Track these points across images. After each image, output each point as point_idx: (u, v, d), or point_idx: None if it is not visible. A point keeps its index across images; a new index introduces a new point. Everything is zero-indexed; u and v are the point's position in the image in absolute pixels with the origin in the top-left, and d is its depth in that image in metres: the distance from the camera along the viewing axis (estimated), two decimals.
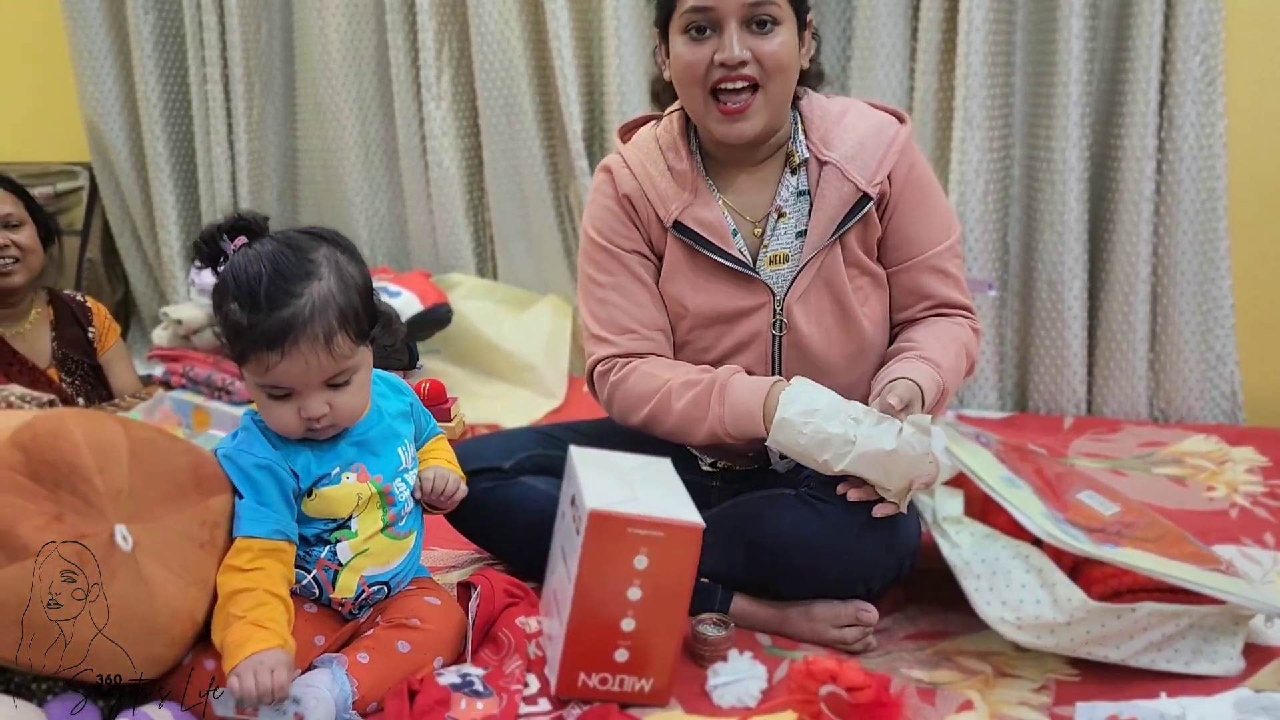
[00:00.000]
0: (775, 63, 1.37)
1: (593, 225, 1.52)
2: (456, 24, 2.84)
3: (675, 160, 1.48)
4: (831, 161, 1.44)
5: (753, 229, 1.48)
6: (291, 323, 1.16)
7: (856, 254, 1.47)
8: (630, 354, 1.48)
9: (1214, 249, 2.29)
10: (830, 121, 1.47)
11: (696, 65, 1.38)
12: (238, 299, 1.17)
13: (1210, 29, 2.20)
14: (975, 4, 2.28)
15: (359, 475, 1.28)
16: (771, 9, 1.36)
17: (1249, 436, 2.20)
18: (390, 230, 3.08)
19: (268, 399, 1.22)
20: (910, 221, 1.48)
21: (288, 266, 1.18)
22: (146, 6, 3.04)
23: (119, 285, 3.36)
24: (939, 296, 1.50)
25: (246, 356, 1.19)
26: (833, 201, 1.43)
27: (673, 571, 1.22)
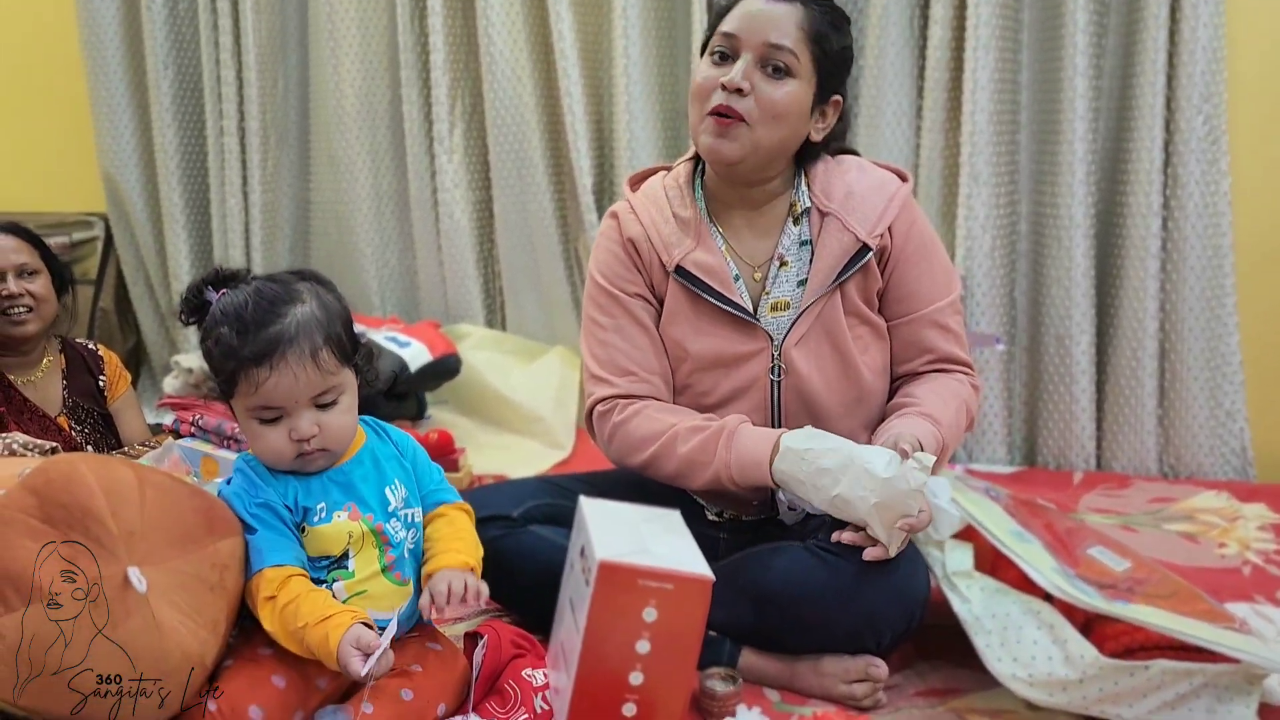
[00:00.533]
0: (771, 107, 1.41)
1: (597, 268, 1.55)
2: (470, 79, 2.89)
3: (680, 207, 1.51)
4: (832, 212, 1.47)
5: (754, 275, 1.50)
6: (279, 338, 1.21)
7: (856, 303, 1.49)
8: (630, 395, 1.50)
9: (1221, 305, 2.30)
10: (833, 175, 1.51)
11: (706, 83, 1.43)
12: (226, 324, 1.23)
13: (1212, 89, 2.23)
14: (980, 64, 2.32)
15: (350, 514, 1.29)
16: (787, 58, 1.40)
17: (1260, 493, 2.19)
18: (400, 281, 3.11)
19: (259, 425, 1.25)
20: (912, 276, 1.50)
21: (272, 294, 1.25)
22: (166, 61, 3.10)
23: (131, 334, 3.38)
24: (940, 351, 1.52)
25: (236, 378, 1.22)
26: (833, 250, 1.46)
27: (682, 624, 1.21)
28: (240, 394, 1.23)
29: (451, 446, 2.34)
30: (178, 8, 3.10)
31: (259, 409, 1.24)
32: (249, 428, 1.26)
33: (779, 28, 1.40)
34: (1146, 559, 1.52)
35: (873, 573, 1.33)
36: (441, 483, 1.40)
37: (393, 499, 1.32)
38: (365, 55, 2.94)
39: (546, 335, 2.94)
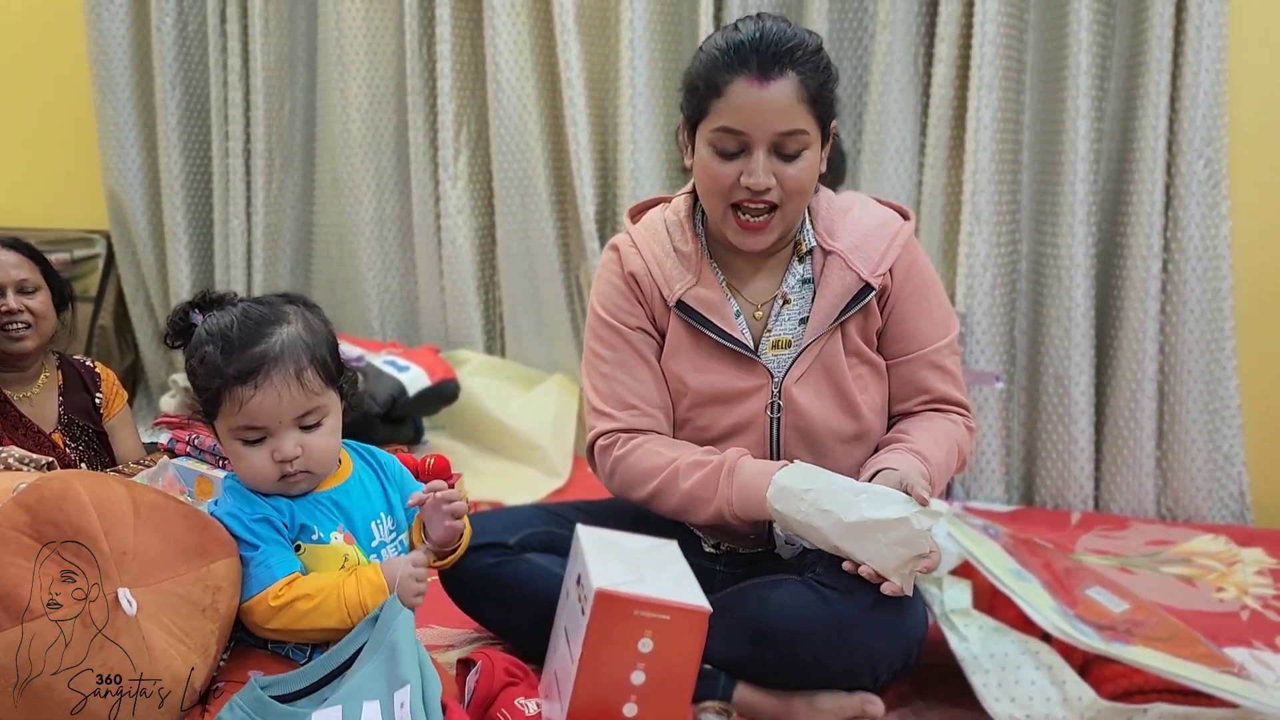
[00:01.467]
0: (797, 186, 1.39)
1: (599, 302, 1.55)
2: (476, 107, 2.91)
3: (681, 242, 1.51)
4: (836, 251, 1.47)
5: (755, 312, 1.50)
6: (264, 356, 1.22)
7: (856, 343, 1.49)
8: (632, 429, 1.50)
9: (1220, 349, 2.30)
10: (836, 214, 1.51)
11: (722, 180, 1.39)
12: (211, 342, 1.23)
13: (1214, 133, 2.25)
14: (983, 103, 2.34)
15: (345, 537, 1.28)
16: (801, 137, 1.37)
17: (1258, 538, 2.19)
18: (401, 305, 3.11)
19: (242, 446, 1.24)
20: (911, 315, 1.50)
21: (258, 314, 1.25)
22: (174, 81, 3.12)
23: (129, 352, 3.38)
24: (937, 392, 1.51)
25: (220, 398, 1.22)
26: (835, 289, 1.46)
27: (678, 656, 1.20)
28: (224, 413, 1.23)
29: (448, 472, 2.31)
30: (187, 29, 3.12)
31: (242, 429, 1.23)
32: (232, 449, 1.26)
33: (784, 112, 1.35)
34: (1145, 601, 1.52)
35: (870, 609, 1.32)
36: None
37: (378, 533, 1.31)
38: (373, 80, 2.96)
39: (546, 363, 2.94)
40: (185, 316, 1.27)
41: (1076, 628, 1.30)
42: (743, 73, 1.35)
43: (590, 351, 1.56)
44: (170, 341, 1.28)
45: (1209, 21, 2.21)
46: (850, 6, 2.56)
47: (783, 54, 1.34)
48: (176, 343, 1.28)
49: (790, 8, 2.61)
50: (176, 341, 1.28)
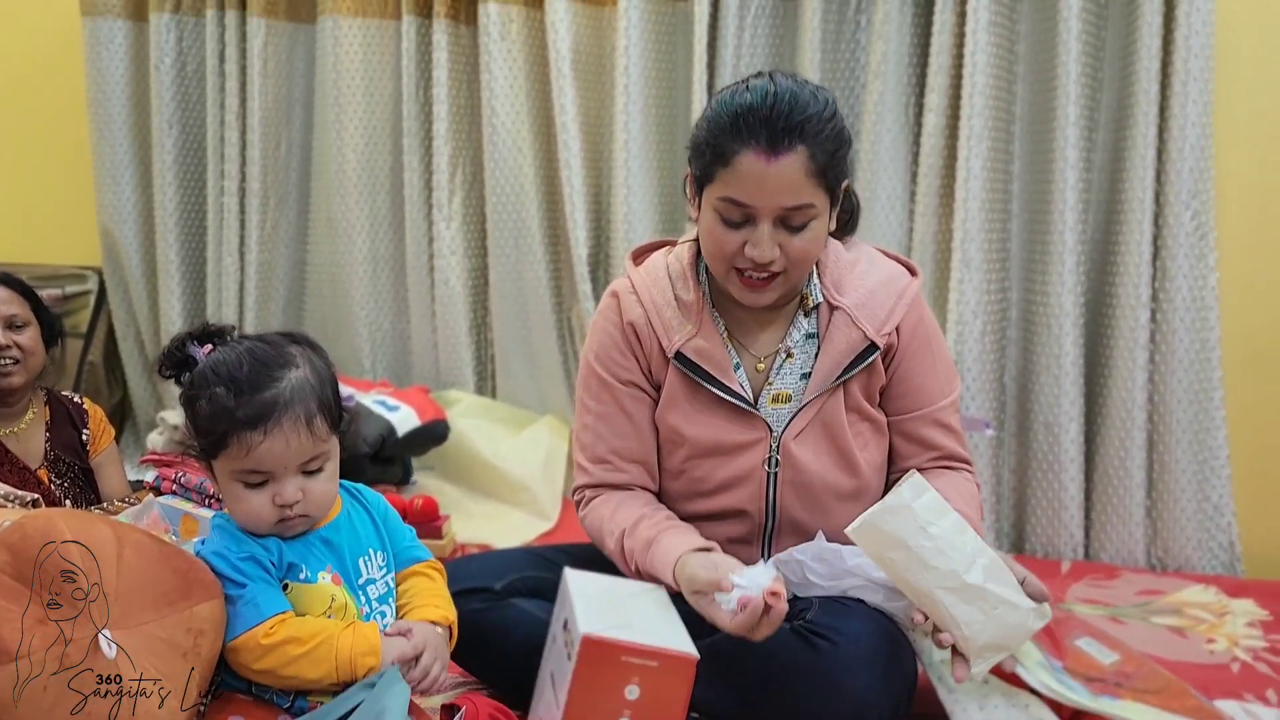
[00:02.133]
0: (802, 255, 1.37)
1: (593, 352, 1.54)
2: (471, 148, 2.93)
3: (683, 291, 1.49)
4: (842, 307, 1.45)
5: (757, 365, 1.48)
6: (275, 402, 1.20)
7: (858, 400, 1.48)
8: (601, 484, 1.51)
9: (1208, 399, 2.31)
10: (844, 268, 1.49)
11: (726, 247, 1.37)
12: (221, 383, 1.21)
13: (1200, 186, 2.28)
14: (973, 153, 2.36)
15: (333, 577, 1.27)
16: (808, 211, 1.35)
17: (1248, 589, 2.18)
18: (393, 345, 3.11)
19: (243, 488, 1.23)
20: (916, 373, 1.49)
21: (266, 356, 1.24)
22: (171, 120, 3.14)
23: (118, 389, 3.36)
24: (944, 449, 1.50)
25: (227, 440, 1.20)
26: (840, 347, 1.45)
27: (664, 703, 1.19)
28: (228, 456, 1.21)
29: (435, 513, 2.32)
30: (186, 68, 3.15)
31: (246, 473, 1.22)
32: (230, 490, 1.24)
33: (791, 188, 1.32)
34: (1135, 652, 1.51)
35: (861, 658, 1.31)
36: (414, 541, 1.40)
37: (366, 570, 1.31)
38: (369, 122, 2.99)
39: (537, 404, 2.94)
40: (182, 348, 1.25)
41: (1064, 683, 1.29)
42: (751, 144, 1.31)
43: (579, 401, 1.56)
44: (164, 372, 1.26)
45: (1194, 76, 2.24)
46: (842, 55, 2.59)
47: (793, 127, 1.30)
48: (171, 374, 1.26)
49: (783, 57, 2.64)
50: (170, 373, 1.26)
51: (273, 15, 3.00)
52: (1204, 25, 2.23)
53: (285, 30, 3.04)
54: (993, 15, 2.34)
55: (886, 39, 2.47)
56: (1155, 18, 2.25)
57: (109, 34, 3.13)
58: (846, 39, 2.58)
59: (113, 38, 3.14)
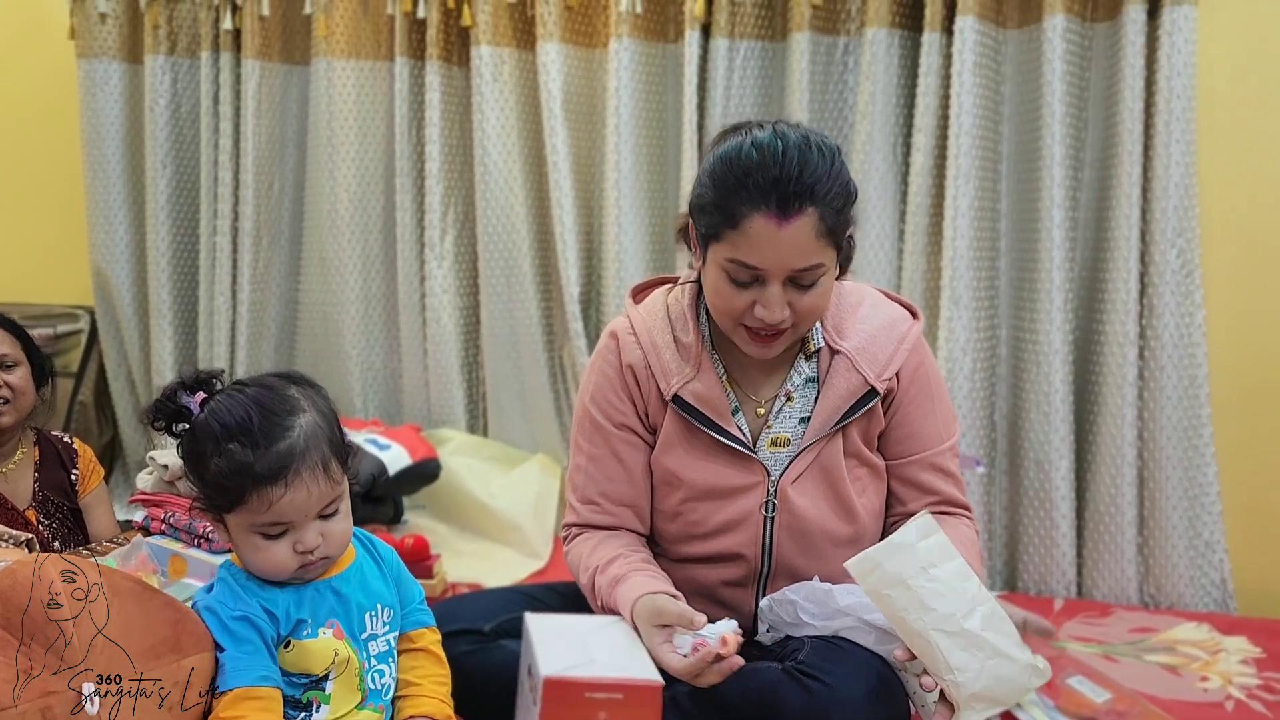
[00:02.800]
0: (811, 312, 1.36)
1: (589, 392, 1.52)
2: (463, 188, 2.96)
3: (682, 333, 1.47)
4: (843, 351, 1.44)
5: (756, 409, 1.47)
6: (291, 453, 1.17)
7: (857, 445, 1.46)
8: (587, 524, 1.51)
9: (1198, 435, 2.32)
10: (845, 311, 1.47)
11: (734, 305, 1.35)
12: (234, 439, 1.17)
13: (1185, 224, 2.30)
14: (961, 192, 2.39)
15: (335, 631, 1.25)
16: (817, 271, 1.32)
17: (1241, 626, 2.17)
18: (384, 383, 3.11)
19: (262, 540, 1.20)
20: (916, 417, 1.47)
21: (271, 403, 1.20)
22: (165, 160, 3.15)
23: (108, 428, 3.35)
24: (944, 494, 1.48)
25: (246, 497, 1.17)
26: (840, 391, 1.43)
27: None
28: (248, 511, 1.18)
29: (426, 553, 2.31)
30: (180, 109, 3.17)
31: (267, 525, 1.19)
32: (248, 542, 1.21)
33: (802, 251, 1.29)
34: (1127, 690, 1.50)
35: (851, 699, 1.29)
36: (422, 604, 1.38)
37: (370, 625, 1.29)
38: (362, 161, 3.01)
39: (528, 443, 2.93)
40: (174, 398, 1.21)
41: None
42: (761, 208, 1.28)
43: (574, 439, 1.55)
44: (156, 424, 1.22)
45: (1177, 116, 2.27)
46: (830, 97, 2.62)
47: (804, 190, 1.27)
48: (161, 425, 1.22)
49: (772, 98, 2.67)
50: (162, 424, 1.22)
51: (267, 57, 3.03)
52: (1185, 66, 2.27)
53: (279, 72, 3.07)
54: (978, 57, 2.38)
55: (874, 80, 2.50)
56: (1138, 59, 2.29)
57: (104, 76, 3.16)
58: (834, 80, 2.61)
59: (108, 79, 3.17)
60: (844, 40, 2.59)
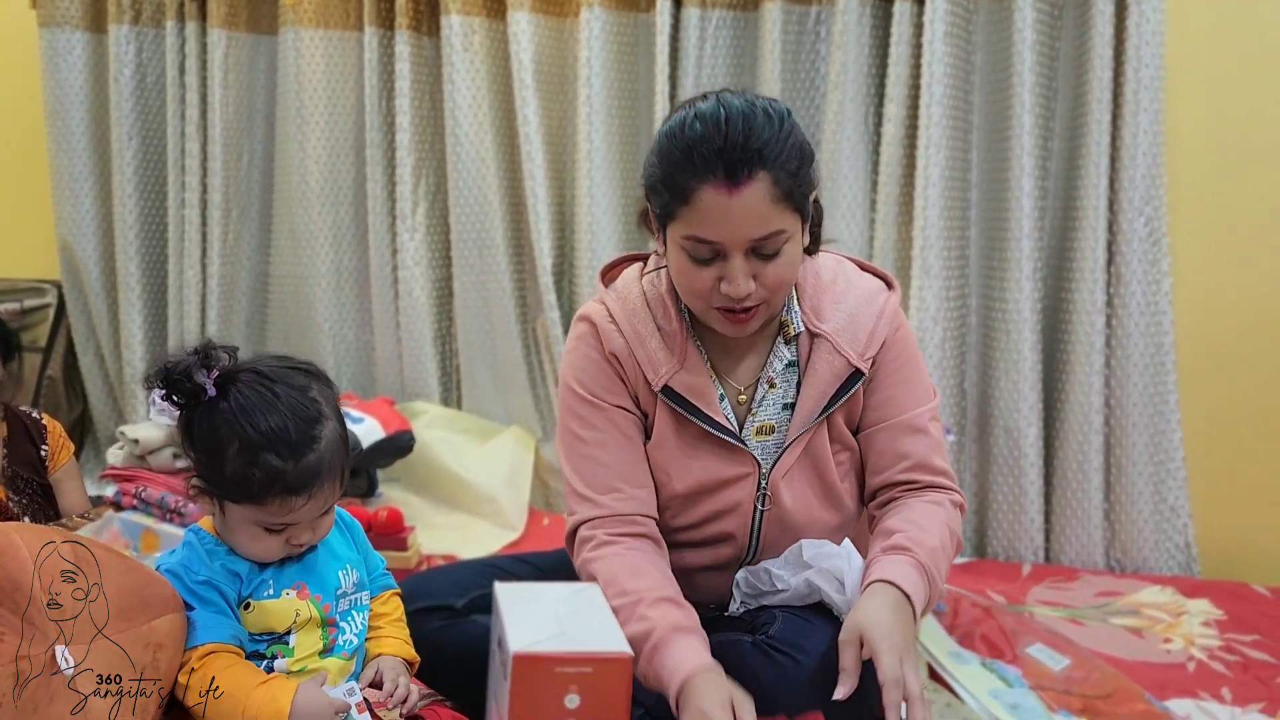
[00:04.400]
0: (779, 281, 1.32)
1: (575, 378, 1.46)
2: (434, 159, 2.93)
3: (664, 320, 1.43)
4: (824, 334, 1.41)
5: (739, 396, 1.45)
6: (318, 467, 1.20)
7: (840, 429, 1.45)
8: (616, 514, 1.41)
9: (1164, 402, 2.35)
10: (822, 291, 1.44)
11: (700, 285, 1.32)
12: (272, 449, 1.18)
13: (1153, 192, 2.32)
14: (932, 162, 2.39)
15: (299, 592, 1.27)
16: (777, 238, 1.28)
17: (1204, 589, 2.21)
18: (357, 357, 3.10)
19: (264, 533, 1.23)
20: (893, 382, 1.45)
21: (301, 409, 1.21)
22: (131, 132, 3.11)
23: (77, 403, 3.32)
24: (918, 457, 1.44)
25: (266, 500, 1.20)
26: (824, 377, 1.41)
27: (606, 706, 1.18)
28: (264, 510, 1.21)
29: (400, 525, 2.31)
30: (146, 80, 3.13)
31: (275, 524, 1.22)
32: (247, 532, 1.23)
33: (758, 218, 1.26)
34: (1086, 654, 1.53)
35: (820, 672, 1.31)
36: (385, 571, 1.42)
37: (343, 581, 1.31)
38: (331, 133, 2.98)
39: (502, 415, 2.93)
40: (190, 377, 1.19)
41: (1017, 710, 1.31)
42: (709, 179, 1.25)
43: (568, 432, 1.46)
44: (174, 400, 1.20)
45: (1145, 85, 2.28)
46: (802, 66, 2.61)
47: (751, 155, 1.24)
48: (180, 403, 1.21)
49: (744, 68, 2.66)
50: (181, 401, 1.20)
51: (233, 27, 2.98)
52: (1154, 35, 2.27)
53: (246, 41, 3.02)
54: (949, 26, 2.37)
55: (845, 49, 2.50)
56: (1107, 28, 2.29)
57: (67, 45, 3.11)
58: (806, 50, 2.60)
59: (71, 49, 3.11)
60: (815, 10, 2.58)
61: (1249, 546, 2.40)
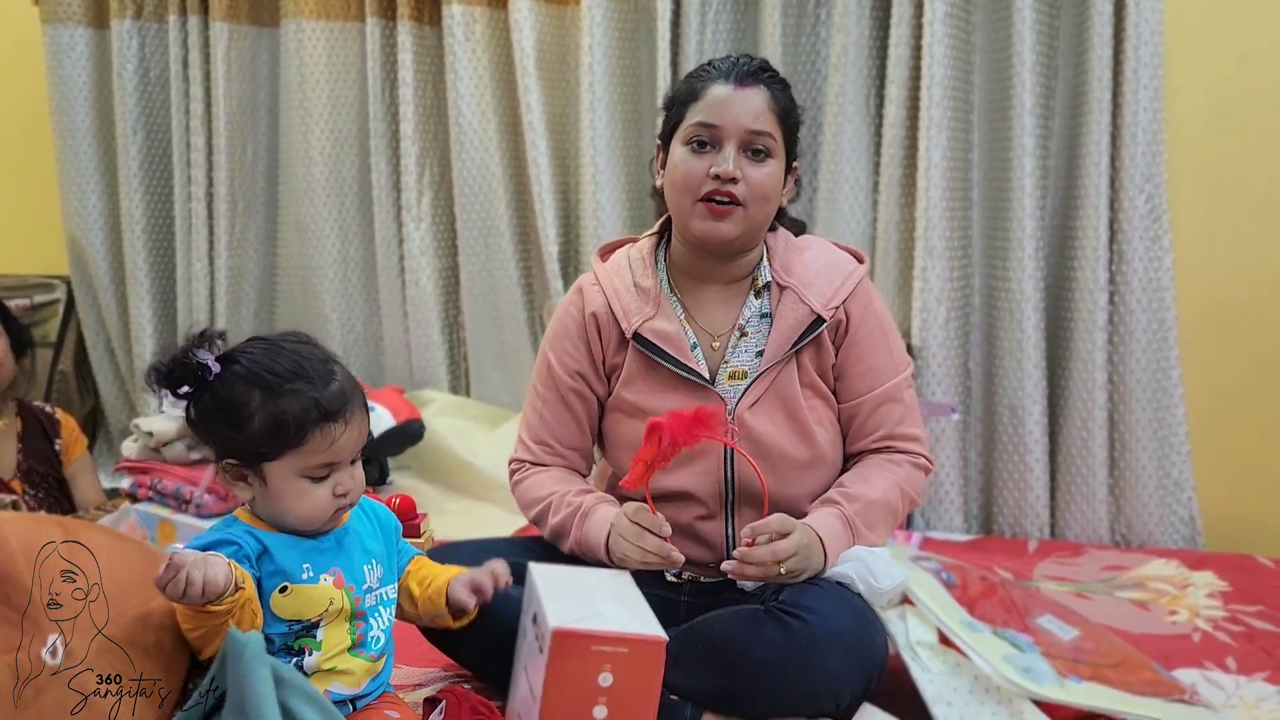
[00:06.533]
0: (761, 189, 1.48)
1: (549, 343, 1.63)
2: (439, 149, 2.95)
3: (642, 277, 1.58)
4: (790, 286, 1.54)
5: (712, 343, 1.56)
6: (346, 393, 1.23)
7: (811, 375, 1.55)
8: (539, 463, 1.62)
9: (1166, 377, 2.37)
10: (793, 252, 1.59)
11: (693, 174, 1.49)
12: (298, 380, 1.19)
13: (1153, 169, 2.33)
14: (934, 143, 2.41)
15: (335, 579, 1.27)
16: (768, 141, 1.48)
17: (1208, 561, 2.24)
18: (365, 346, 3.12)
19: (309, 484, 1.22)
20: (869, 356, 1.55)
21: (309, 352, 1.24)
22: (136, 126, 3.13)
23: (89, 397, 3.35)
24: (891, 428, 1.56)
25: (308, 436, 1.19)
26: (789, 321, 1.52)
27: (638, 687, 1.22)
28: (306, 452, 1.20)
29: (413, 512, 2.32)
30: (149, 74, 3.14)
31: (319, 466, 1.21)
32: (293, 489, 1.22)
33: (756, 113, 1.47)
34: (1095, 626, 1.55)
35: (832, 636, 1.34)
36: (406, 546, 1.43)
37: (368, 577, 1.31)
38: (335, 124, 2.99)
39: (510, 402, 2.96)
40: (193, 355, 1.20)
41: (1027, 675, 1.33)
42: (719, 79, 1.49)
43: (531, 384, 1.66)
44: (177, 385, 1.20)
45: (1145, 63, 2.30)
46: (803, 50, 2.63)
47: (756, 70, 1.50)
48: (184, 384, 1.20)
49: (746, 49, 2.67)
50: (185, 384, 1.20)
51: (235, 20, 3.00)
52: (1153, 12, 2.29)
53: (248, 34, 3.04)
54: (949, 7, 2.39)
55: (846, 32, 2.51)
56: (1106, 6, 2.31)
57: (70, 42, 3.12)
58: (807, 33, 2.62)
59: (74, 45, 3.12)
60: None
61: (1252, 519, 2.42)
